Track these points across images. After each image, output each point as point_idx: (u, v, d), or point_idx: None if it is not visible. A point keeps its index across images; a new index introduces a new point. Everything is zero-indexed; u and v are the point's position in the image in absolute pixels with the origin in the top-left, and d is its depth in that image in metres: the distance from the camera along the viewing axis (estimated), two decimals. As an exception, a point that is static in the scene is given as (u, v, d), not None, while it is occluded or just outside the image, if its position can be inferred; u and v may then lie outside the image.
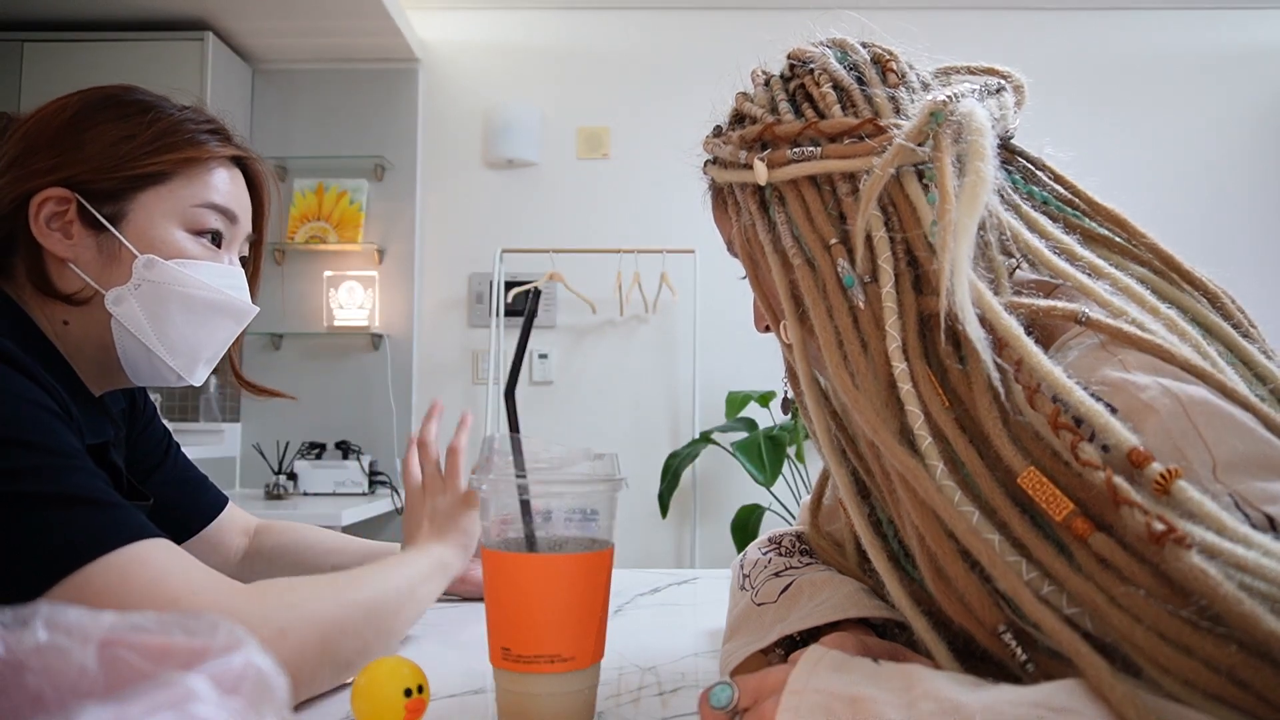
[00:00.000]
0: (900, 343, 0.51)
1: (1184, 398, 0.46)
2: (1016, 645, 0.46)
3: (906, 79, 0.61)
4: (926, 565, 0.50)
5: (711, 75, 0.72)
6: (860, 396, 0.51)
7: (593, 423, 3.09)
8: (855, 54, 0.63)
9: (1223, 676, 0.37)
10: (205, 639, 0.29)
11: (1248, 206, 3.12)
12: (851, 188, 0.56)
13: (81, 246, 0.74)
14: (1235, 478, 0.44)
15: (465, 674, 0.71)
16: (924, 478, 0.47)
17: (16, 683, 0.28)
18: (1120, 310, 0.52)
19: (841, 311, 0.54)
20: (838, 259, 0.55)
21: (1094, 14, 3.15)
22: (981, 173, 0.49)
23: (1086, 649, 0.40)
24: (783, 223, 0.59)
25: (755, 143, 0.62)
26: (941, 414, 0.49)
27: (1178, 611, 0.39)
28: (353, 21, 2.86)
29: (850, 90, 0.60)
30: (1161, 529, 0.39)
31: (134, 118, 0.76)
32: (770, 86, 0.65)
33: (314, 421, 3.05)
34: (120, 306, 0.75)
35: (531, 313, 0.63)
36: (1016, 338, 0.47)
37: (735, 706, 0.47)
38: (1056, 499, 0.44)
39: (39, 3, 2.71)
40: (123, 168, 0.74)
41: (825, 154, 0.57)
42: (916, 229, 0.53)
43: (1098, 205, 0.62)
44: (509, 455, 0.59)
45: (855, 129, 0.57)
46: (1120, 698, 0.38)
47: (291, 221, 3.09)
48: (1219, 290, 0.57)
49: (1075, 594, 0.42)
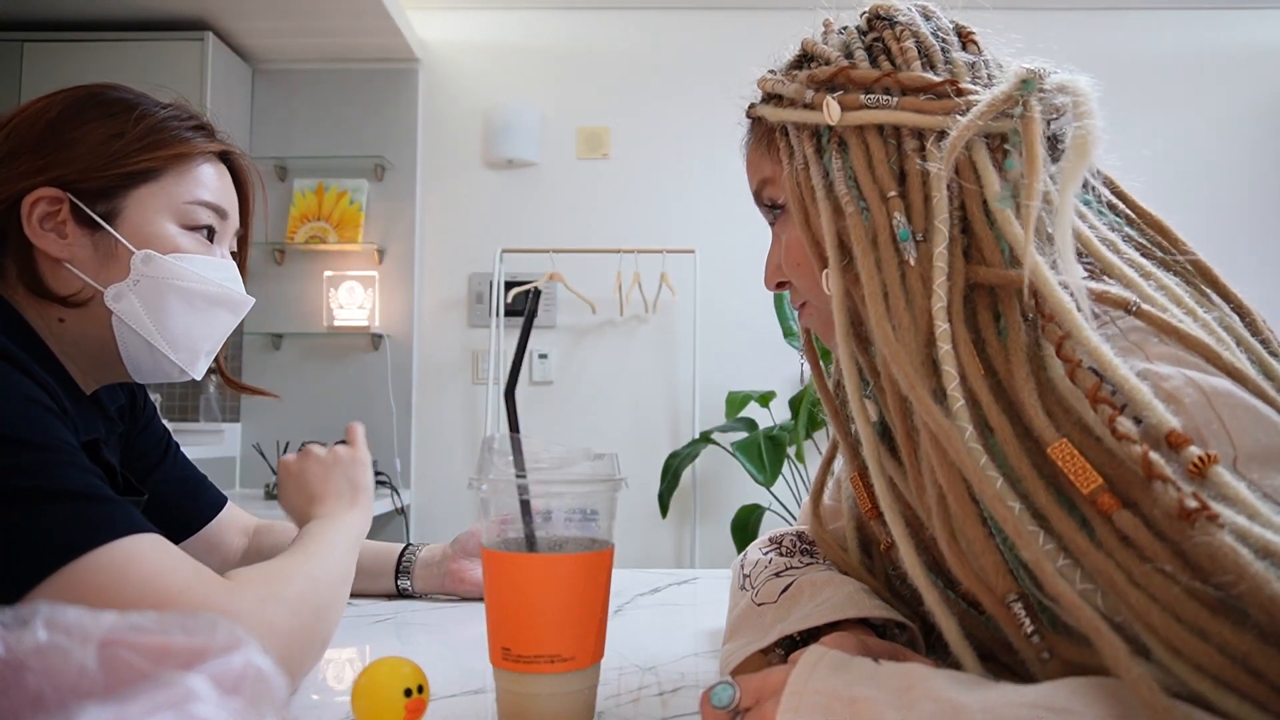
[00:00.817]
0: (945, 303, 0.51)
1: (1208, 388, 0.47)
2: (1025, 616, 0.46)
3: (985, 54, 0.61)
4: (943, 529, 0.50)
5: (711, 75, 0.72)
6: (901, 350, 0.51)
7: (593, 423, 3.09)
8: (939, 20, 0.63)
9: (1236, 663, 0.37)
10: (205, 639, 0.29)
11: (1248, 207, 3.12)
12: (919, 144, 0.56)
13: (77, 246, 0.74)
14: (1256, 470, 0.44)
15: (465, 674, 0.71)
16: (955, 437, 0.47)
17: (16, 683, 0.28)
18: (1163, 306, 0.52)
19: (891, 265, 0.54)
20: (894, 212, 0.55)
21: (1094, 14, 3.16)
22: (1091, 129, 0.50)
23: (1105, 627, 0.40)
24: (839, 169, 0.59)
25: (825, 84, 0.61)
26: (977, 379, 0.49)
27: (1197, 590, 0.39)
28: (353, 21, 2.86)
29: (932, 50, 0.60)
30: (1195, 506, 0.39)
31: (121, 115, 0.76)
32: (845, 34, 0.64)
33: (314, 422, 3.04)
34: (120, 303, 0.75)
35: (531, 313, 0.63)
36: (1068, 312, 0.47)
37: (736, 706, 0.47)
38: (1085, 472, 0.44)
39: (39, 3, 2.71)
40: (114, 165, 0.75)
41: (901, 105, 0.57)
42: (977, 196, 0.53)
43: (1141, 210, 0.62)
44: (509, 455, 0.59)
45: (935, 86, 0.57)
46: (1137, 678, 0.37)
47: (291, 221, 3.09)
48: (1251, 308, 0.58)
49: (1093, 570, 0.42)
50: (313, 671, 0.74)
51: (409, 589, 1.00)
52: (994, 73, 0.60)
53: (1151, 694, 0.37)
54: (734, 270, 3.00)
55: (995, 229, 0.53)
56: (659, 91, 3.14)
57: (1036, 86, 0.53)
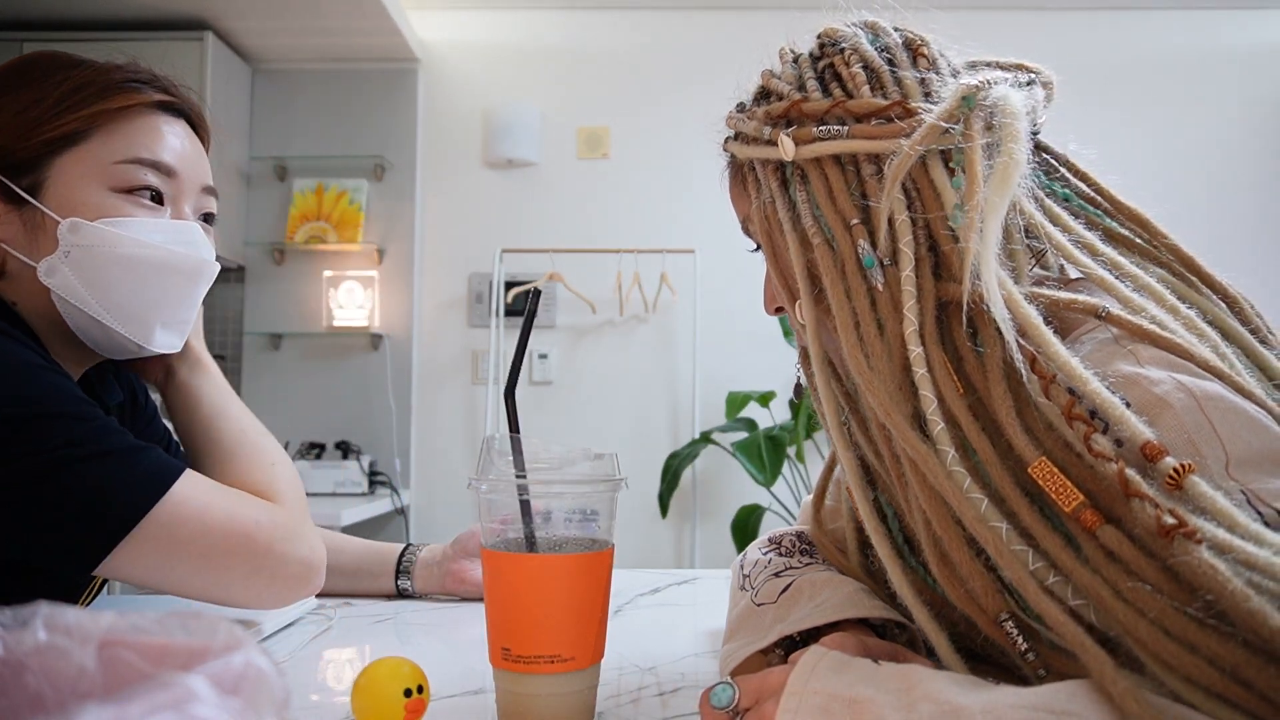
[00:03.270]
0: (917, 326, 0.51)
1: (1199, 393, 0.46)
2: (1018, 634, 0.46)
3: (937, 65, 0.61)
4: (931, 551, 0.50)
5: (711, 75, 0.72)
6: (874, 379, 0.51)
7: (593, 423, 3.09)
8: (887, 36, 0.62)
9: (1225, 674, 0.37)
10: (205, 639, 0.29)
11: (1248, 206, 3.12)
12: (876, 169, 0.56)
13: (5, 223, 0.72)
14: (1248, 474, 0.44)
15: (465, 674, 0.71)
16: (934, 463, 0.47)
17: (16, 683, 0.28)
18: (1140, 307, 0.52)
19: (859, 293, 0.54)
20: (858, 239, 0.55)
21: (1093, 14, 3.15)
22: (1014, 155, 0.50)
23: (1090, 642, 0.40)
24: (803, 201, 0.59)
25: (781, 119, 0.61)
26: (955, 400, 0.49)
27: (1183, 607, 0.39)
28: (353, 21, 2.86)
29: (880, 72, 0.59)
30: (1172, 523, 0.39)
31: (42, 80, 0.73)
32: (799, 64, 0.64)
33: (314, 422, 3.05)
34: (54, 278, 0.71)
35: (531, 313, 0.63)
36: (1035, 327, 0.47)
37: (736, 707, 0.47)
38: (1066, 490, 0.44)
39: (39, 3, 2.71)
40: (33, 133, 0.71)
41: (852, 133, 0.57)
42: (939, 213, 0.53)
43: (1120, 204, 0.62)
44: (509, 455, 0.59)
45: (884, 110, 0.57)
46: (1122, 692, 0.38)
47: (291, 221, 3.09)
48: (1238, 295, 0.57)
49: (1081, 586, 0.42)
50: (313, 672, 0.74)
51: (409, 589, 1.00)
52: (948, 82, 0.59)
53: (1139, 706, 0.37)
54: (734, 270, 3.00)
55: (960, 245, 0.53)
56: (659, 91, 3.14)
57: (976, 103, 0.53)
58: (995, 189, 0.49)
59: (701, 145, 0.72)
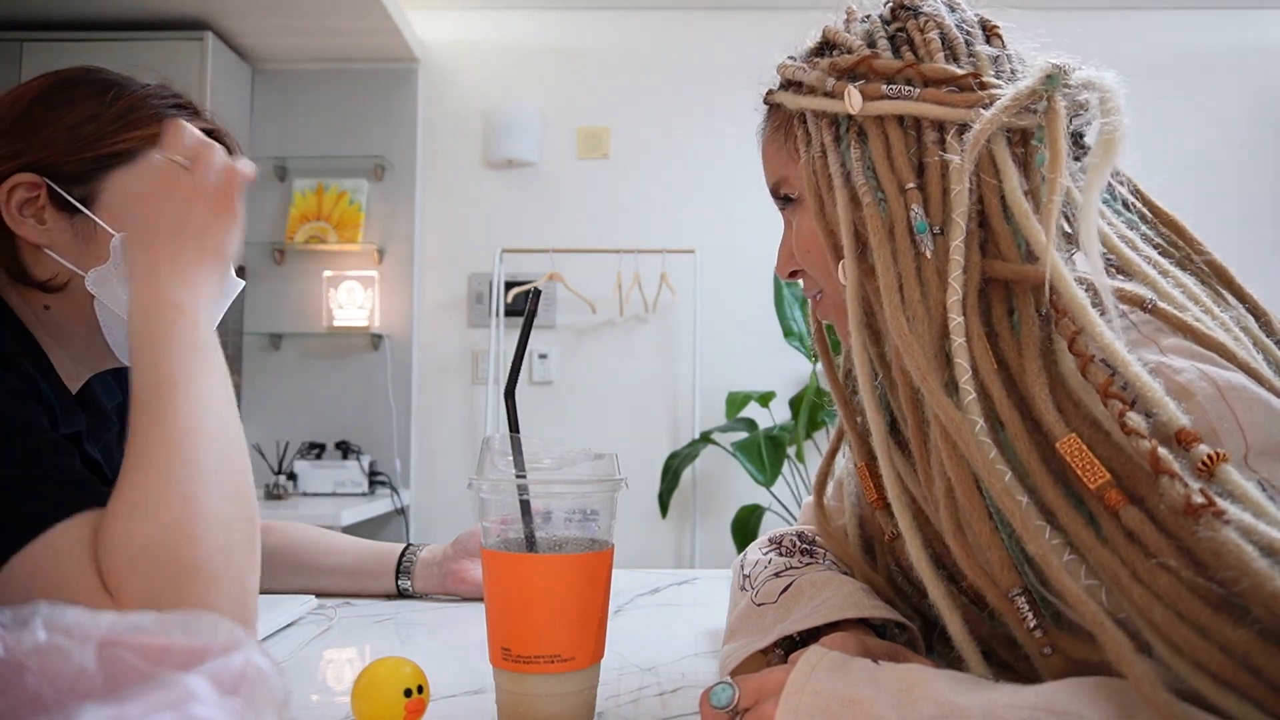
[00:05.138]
0: (960, 296, 0.51)
1: (1221, 382, 0.47)
2: (1028, 610, 0.46)
3: (1008, 48, 0.61)
4: (950, 520, 0.50)
5: (712, 75, 0.72)
6: (914, 342, 0.51)
7: (593, 423, 3.09)
8: (964, 12, 0.63)
9: (1236, 661, 0.37)
10: (205, 639, 0.29)
11: (1248, 206, 3.12)
12: (938, 136, 0.56)
13: (56, 231, 0.74)
14: (1267, 464, 0.44)
15: (465, 674, 0.71)
16: (966, 430, 0.48)
17: (16, 683, 0.28)
18: (1182, 305, 0.52)
19: (906, 256, 0.54)
20: (912, 204, 0.55)
21: (1093, 14, 3.15)
22: (1118, 127, 0.50)
23: (1109, 622, 0.40)
24: (857, 159, 0.58)
25: (847, 73, 0.61)
26: (989, 373, 0.49)
27: (1199, 586, 0.39)
28: (353, 21, 2.86)
29: (956, 42, 0.59)
30: (1201, 502, 0.40)
31: (96, 98, 0.76)
32: (869, 23, 0.64)
33: (314, 422, 3.05)
34: (102, 288, 0.74)
35: (531, 313, 0.63)
36: (1082, 308, 0.48)
37: (736, 707, 0.48)
38: (1094, 467, 0.44)
39: (39, 3, 2.70)
40: (89, 148, 0.74)
41: (922, 97, 0.57)
42: (996, 192, 0.53)
43: (1158, 210, 0.62)
44: (509, 455, 0.59)
45: (958, 79, 0.57)
46: (1140, 674, 0.38)
47: (291, 221, 3.09)
48: (1266, 308, 0.58)
49: (1098, 565, 0.42)
50: (313, 672, 0.74)
51: (409, 589, 1.00)
52: (1017, 67, 0.59)
53: (1153, 691, 0.37)
54: (734, 270, 3.00)
55: (1012, 223, 0.53)
56: (659, 91, 3.14)
57: (1061, 82, 0.53)
58: (1101, 156, 0.49)
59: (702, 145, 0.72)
